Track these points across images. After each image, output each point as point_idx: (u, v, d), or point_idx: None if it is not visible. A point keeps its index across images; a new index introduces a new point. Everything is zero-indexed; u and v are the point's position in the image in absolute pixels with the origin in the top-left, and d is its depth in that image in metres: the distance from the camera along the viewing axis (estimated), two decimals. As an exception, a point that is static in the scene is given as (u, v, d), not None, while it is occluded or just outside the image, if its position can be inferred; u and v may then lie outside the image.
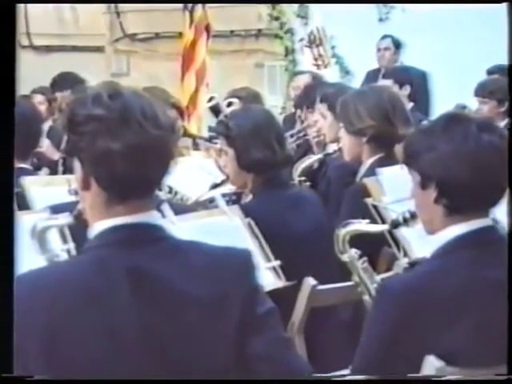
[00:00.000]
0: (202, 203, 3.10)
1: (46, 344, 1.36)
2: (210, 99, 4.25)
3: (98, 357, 1.36)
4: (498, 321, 1.63)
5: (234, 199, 3.02)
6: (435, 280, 1.67)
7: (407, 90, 4.98)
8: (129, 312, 1.39)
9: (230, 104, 4.23)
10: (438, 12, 6.03)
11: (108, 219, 1.44)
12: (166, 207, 2.31)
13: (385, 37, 6.22)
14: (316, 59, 7.25)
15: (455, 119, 1.75)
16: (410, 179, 1.79)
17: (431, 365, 1.65)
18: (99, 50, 7.62)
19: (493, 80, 4.70)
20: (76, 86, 4.66)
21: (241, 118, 2.76)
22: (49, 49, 7.46)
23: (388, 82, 4.85)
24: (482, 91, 4.59)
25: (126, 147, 1.40)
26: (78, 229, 1.74)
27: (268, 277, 2.43)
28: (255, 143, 2.67)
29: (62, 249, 2.24)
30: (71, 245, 2.27)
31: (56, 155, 4.31)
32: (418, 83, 5.34)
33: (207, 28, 6.15)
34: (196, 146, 4.40)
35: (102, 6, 7.43)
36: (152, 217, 1.47)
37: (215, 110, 4.04)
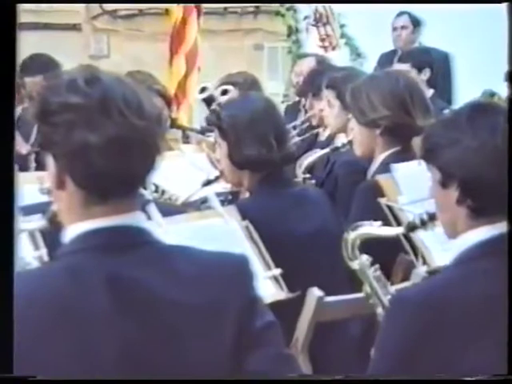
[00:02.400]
0: (193, 203, 3.11)
1: (16, 365, 1.37)
2: (203, 90, 4.26)
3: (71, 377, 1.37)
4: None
5: (229, 199, 3.03)
6: (458, 290, 1.68)
7: (427, 74, 4.99)
8: (108, 327, 1.40)
9: (224, 92, 4.24)
10: (438, 12, 6.07)
11: (85, 221, 1.45)
12: (151, 208, 2.32)
13: (401, 14, 6.21)
14: (323, 40, 7.26)
15: (482, 109, 1.76)
16: (428, 177, 1.80)
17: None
18: (75, 28, 7.62)
19: None
20: (49, 70, 4.66)
21: (236, 108, 2.76)
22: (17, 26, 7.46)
23: (405, 66, 4.86)
24: None
25: (106, 140, 1.41)
26: (52, 233, 1.74)
27: (268, 287, 2.44)
28: (248, 138, 2.67)
29: (33, 256, 2.25)
30: (43, 251, 2.28)
31: (25, 149, 4.31)
32: (439, 67, 5.35)
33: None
34: (186, 139, 4.42)
35: (78, -22, 7.44)
36: (136, 219, 1.48)
37: (209, 103, 4.05)
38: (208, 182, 3.06)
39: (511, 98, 1.74)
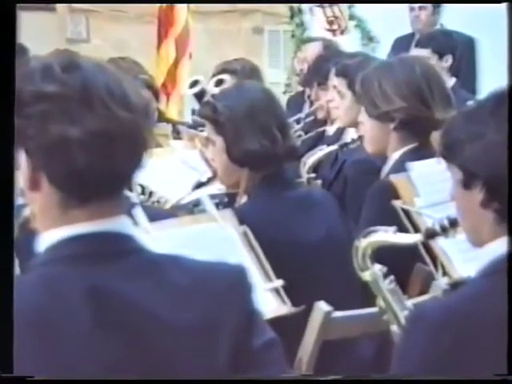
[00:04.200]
0: (185, 207, 3.12)
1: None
2: (194, 83, 4.26)
3: None
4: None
5: (225, 201, 3.03)
6: (484, 305, 1.67)
7: (449, 61, 5.01)
8: (89, 345, 1.40)
9: (219, 82, 4.24)
10: (485, 13, 6.11)
11: (63, 227, 1.45)
12: (138, 212, 2.33)
13: (419, -9, 6.22)
14: (331, 22, 7.25)
15: (508, 99, 1.76)
16: (449, 176, 1.80)
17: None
18: (49, 8, 7.63)
19: None
20: (20, 55, 4.67)
21: (232, 99, 2.77)
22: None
23: (424, 52, 4.86)
24: None
25: (87, 134, 1.41)
26: (24, 240, 1.74)
27: (269, 300, 2.45)
28: (250, 130, 2.68)
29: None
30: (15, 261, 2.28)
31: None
32: (462, 53, 5.36)
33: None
34: (177, 134, 4.43)
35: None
36: (120, 224, 1.48)
37: (201, 98, 4.06)
38: (200, 185, 3.07)
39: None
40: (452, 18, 6.12)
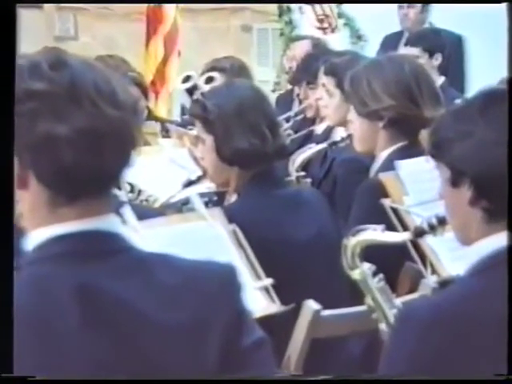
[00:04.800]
0: (174, 205, 3.12)
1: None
2: (187, 79, 4.26)
3: None
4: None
5: (215, 200, 3.03)
6: (473, 304, 1.68)
7: (438, 59, 5.02)
8: (78, 344, 1.40)
9: (209, 80, 4.25)
10: (438, 12, 6.13)
11: (51, 226, 1.45)
12: (126, 210, 2.33)
13: (407, -11, 6.23)
14: (321, 20, 7.25)
15: (497, 97, 1.76)
16: (437, 175, 1.81)
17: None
18: (37, 6, 7.60)
19: None
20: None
21: (222, 97, 2.77)
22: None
23: (414, 50, 4.87)
24: None
25: (75, 132, 1.41)
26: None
27: (258, 299, 2.45)
28: (240, 129, 2.68)
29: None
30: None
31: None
32: (451, 51, 5.37)
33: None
34: (166, 133, 4.42)
35: None
36: (109, 222, 1.48)
37: (193, 93, 4.05)
38: (189, 183, 3.07)
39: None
40: (440, 17, 6.14)
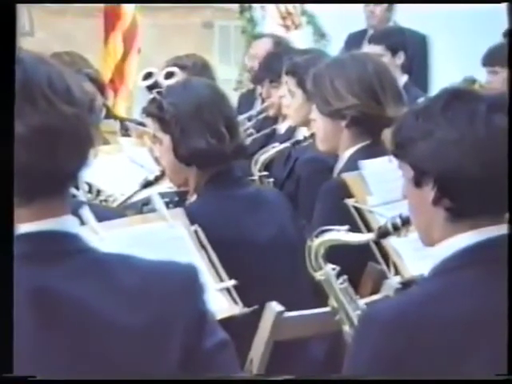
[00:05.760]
0: (133, 205, 3.10)
1: None
2: (148, 76, 4.23)
3: None
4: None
5: (176, 200, 3.02)
6: (436, 305, 1.69)
7: (401, 58, 5.05)
8: (32, 349, 1.39)
9: (169, 75, 4.22)
10: (438, 12, 6.18)
11: (7, 227, 1.44)
12: (85, 211, 2.31)
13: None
14: (284, 18, 7.25)
15: (459, 96, 1.77)
16: (401, 174, 1.81)
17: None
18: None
19: (505, 45, 4.79)
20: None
21: (178, 96, 2.76)
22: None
23: (377, 48, 4.90)
24: (492, 59, 4.68)
25: (29, 130, 1.40)
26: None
27: (220, 301, 2.45)
28: (196, 128, 2.67)
29: None
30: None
31: None
32: (415, 50, 5.41)
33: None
34: (125, 131, 4.39)
35: None
36: (66, 223, 1.47)
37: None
38: (147, 184, 3.04)
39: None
40: (405, 16, 6.17)
